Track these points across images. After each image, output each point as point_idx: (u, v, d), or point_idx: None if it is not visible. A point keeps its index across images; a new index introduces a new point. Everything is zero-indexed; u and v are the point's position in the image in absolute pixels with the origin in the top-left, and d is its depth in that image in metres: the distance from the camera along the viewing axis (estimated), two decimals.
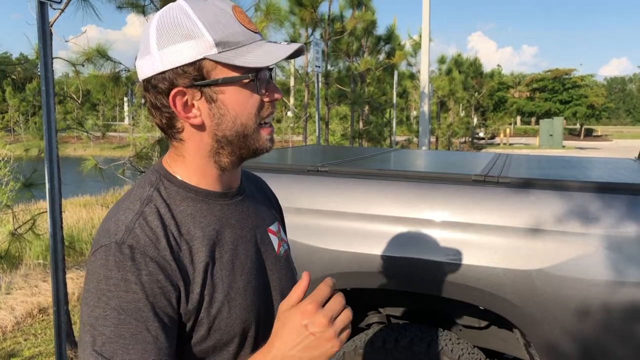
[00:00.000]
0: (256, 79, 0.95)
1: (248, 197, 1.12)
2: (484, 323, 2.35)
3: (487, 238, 2.00)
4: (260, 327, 1.03)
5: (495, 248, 1.98)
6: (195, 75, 0.93)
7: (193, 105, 0.95)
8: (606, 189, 2.01)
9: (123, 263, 0.87)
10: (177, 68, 0.92)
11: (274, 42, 0.97)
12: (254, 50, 0.94)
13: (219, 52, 0.92)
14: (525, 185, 2.06)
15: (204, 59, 0.92)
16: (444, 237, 2.05)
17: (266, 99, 0.98)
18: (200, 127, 0.97)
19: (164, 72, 0.93)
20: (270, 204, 1.25)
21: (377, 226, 2.15)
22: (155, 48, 0.93)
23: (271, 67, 0.98)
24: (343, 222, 2.20)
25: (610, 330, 1.87)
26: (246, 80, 0.95)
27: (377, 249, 2.11)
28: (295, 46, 0.95)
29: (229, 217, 1.04)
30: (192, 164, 1.00)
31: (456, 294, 2.06)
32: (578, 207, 1.96)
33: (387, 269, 2.10)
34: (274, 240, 1.14)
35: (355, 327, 2.58)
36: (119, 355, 0.84)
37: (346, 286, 2.18)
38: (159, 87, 0.94)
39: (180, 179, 1.01)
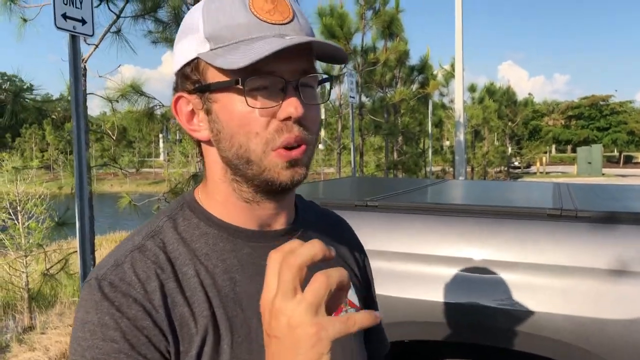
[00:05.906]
0: (243, 84, 0.69)
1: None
2: None
3: (567, 282, 1.74)
4: None
5: (577, 293, 1.71)
6: (195, 79, 0.74)
7: (197, 115, 0.76)
8: None
9: (100, 304, 0.69)
10: (180, 69, 0.76)
11: (290, 36, 0.70)
12: (249, 47, 0.68)
13: (210, 49, 0.72)
14: (610, 220, 1.79)
15: (197, 57, 0.73)
16: (516, 281, 1.79)
17: (263, 116, 0.70)
18: (210, 144, 0.77)
19: (176, 74, 0.77)
20: (346, 257, 0.95)
21: (436, 268, 1.90)
22: (174, 47, 0.78)
23: (312, 74, 0.73)
24: (396, 264, 1.96)
25: None
26: (239, 87, 0.70)
27: (437, 295, 1.86)
28: (292, 40, 0.67)
29: (260, 264, 0.74)
30: (214, 191, 0.79)
31: (530, 346, 1.79)
32: None
33: (448, 318, 1.85)
34: None
35: None
36: None
37: (402, 338, 1.93)
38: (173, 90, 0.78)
39: (204, 209, 0.80)
